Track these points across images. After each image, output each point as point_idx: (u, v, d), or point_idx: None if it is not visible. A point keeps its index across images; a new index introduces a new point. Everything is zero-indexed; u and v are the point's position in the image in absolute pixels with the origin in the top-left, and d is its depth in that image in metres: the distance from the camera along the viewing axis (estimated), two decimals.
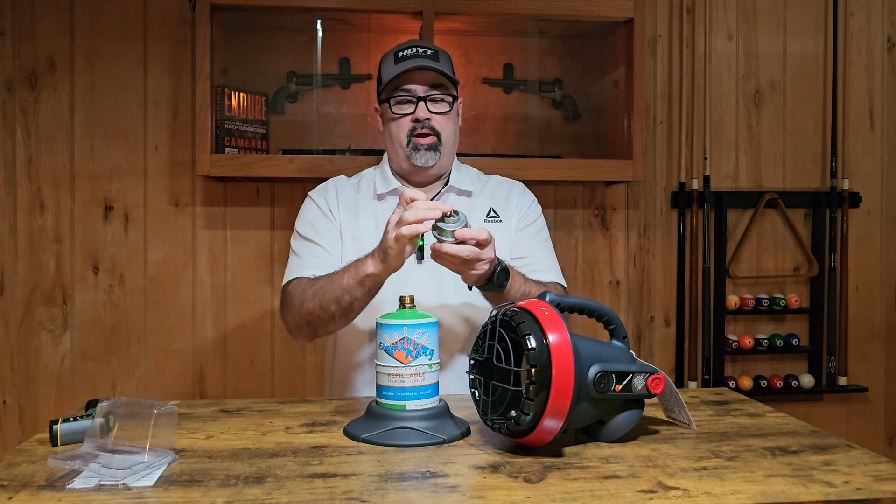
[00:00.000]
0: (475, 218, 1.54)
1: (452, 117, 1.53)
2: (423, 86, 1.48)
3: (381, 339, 1.13)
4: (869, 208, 2.62)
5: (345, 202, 1.54)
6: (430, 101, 1.48)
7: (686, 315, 2.52)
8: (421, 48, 1.49)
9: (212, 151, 2.12)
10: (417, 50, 1.49)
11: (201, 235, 2.37)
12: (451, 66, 1.55)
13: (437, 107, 1.49)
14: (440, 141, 1.49)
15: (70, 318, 2.33)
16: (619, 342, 1.12)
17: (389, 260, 1.23)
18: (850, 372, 2.61)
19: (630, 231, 2.53)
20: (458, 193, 1.57)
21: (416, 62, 1.46)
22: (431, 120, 1.48)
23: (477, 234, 1.20)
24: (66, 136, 2.32)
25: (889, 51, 2.62)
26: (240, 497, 0.87)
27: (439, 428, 1.10)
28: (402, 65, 1.47)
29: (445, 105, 1.50)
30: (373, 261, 1.27)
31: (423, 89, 1.48)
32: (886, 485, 0.91)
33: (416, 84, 1.48)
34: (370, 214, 1.52)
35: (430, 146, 1.48)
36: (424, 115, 1.48)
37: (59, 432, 1.08)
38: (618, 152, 2.33)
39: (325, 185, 1.59)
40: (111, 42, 2.33)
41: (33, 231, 2.31)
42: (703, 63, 2.51)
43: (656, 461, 1.00)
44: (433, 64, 1.47)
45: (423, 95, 1.48)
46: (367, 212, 1.53)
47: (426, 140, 1.48)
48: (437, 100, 1.49)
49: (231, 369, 2.39)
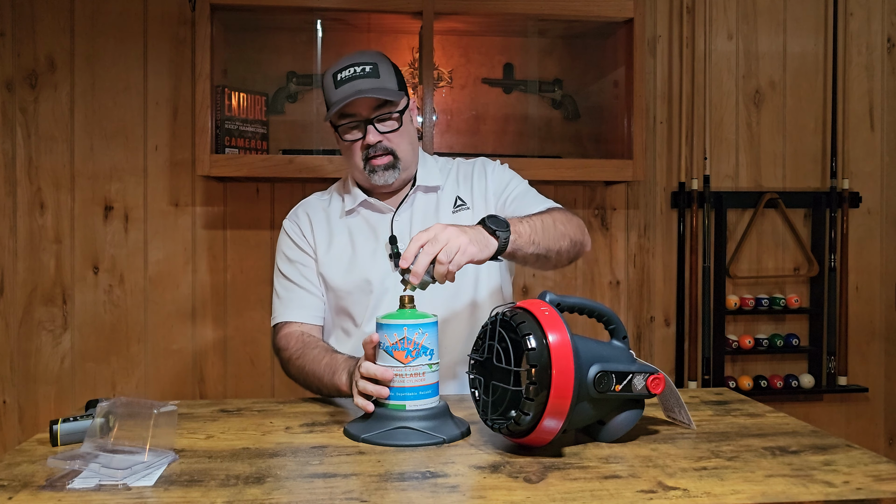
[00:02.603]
0: (443, 213, 1.51)
1: (406, 128, 1.47)
2: (367, 108, 1.42)
3: (381, 338, 1.13)
4: (869, 208, 2.62)
5: (318, 224, 1.54)
6: (377, 121, 1.43)
7: (686, 315, 2.52)
8: (359, 66, 1.42)
9: (212, 151, 2.12)
10: (355, 70, 1.42)
11: (201, 235, 2.37)
12: (393, 75, 1.46)
13: (386, 126, 1.44)
14: (397, 157, 1.45)
15: (70, 318, 2.33)
16: (619, 342, 1.12)
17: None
18: (850, 372, 2.61)
19: (630, 231, 2.53)
20: (426, 191, 1.53)
21: (355, 86, 1.40)
22: (383, 141, 1.44)
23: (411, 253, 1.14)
24: (66, 136, 2.32)
25: (889, 51, 2.62)
26: (240, 497, 0.87)
27: (439, 428, 1.10)
28: (342, 91, 1.41)
29: (394, 123, 1.44)
30: (346, 379, 1.28)
31: (367, 111, 1.43)
32: (886, 485, 0.91)
33: (359, 108, 1.43)
34: (343, 231, 1.52)
35: (387, 166, 1.45)
36: (375, 139, 1.43)
37: (59, 432, 1.08)
38: (618, 152, 2.33)
39: (296, 211, 1.59)
40: (111, 42, 2.33)
41: (33, 231, 2.31)
42: (703, 63, 2.51)
43: (656, 461, 1.00)
44: (373, 84, 1.41)
45: (370, 118, 1.43)
46: (339, 229, 1.53)
47: (382, 161, 1.44)
48: (384, 119, 1.44)
49: (231, 369, 2.39)
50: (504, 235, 1.21)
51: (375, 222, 1.51)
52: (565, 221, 1.37)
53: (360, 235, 1.50)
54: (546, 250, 1.30)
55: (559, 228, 1.34)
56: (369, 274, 1.46)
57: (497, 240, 1.20)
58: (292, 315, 1.50)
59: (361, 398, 1.14)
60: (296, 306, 1.51)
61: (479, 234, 1.19)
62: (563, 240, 1.34)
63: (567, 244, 1.35)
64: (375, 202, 1.51)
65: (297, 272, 1.52)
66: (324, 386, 1.34)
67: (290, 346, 1.45)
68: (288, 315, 1.51)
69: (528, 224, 1.28)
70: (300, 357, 1.41)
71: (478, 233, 1.19)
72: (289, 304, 1.52)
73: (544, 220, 1.33)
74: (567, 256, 1.37)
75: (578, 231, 1.39)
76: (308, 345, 1.43)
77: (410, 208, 1.51)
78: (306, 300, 1.51)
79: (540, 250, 1.29)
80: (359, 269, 1.47)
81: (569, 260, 1.40)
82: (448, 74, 2.45)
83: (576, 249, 1.39)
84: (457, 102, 2.46)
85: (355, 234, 1.51)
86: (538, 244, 1.28)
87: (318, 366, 1.36)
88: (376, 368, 1.12)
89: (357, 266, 1.47)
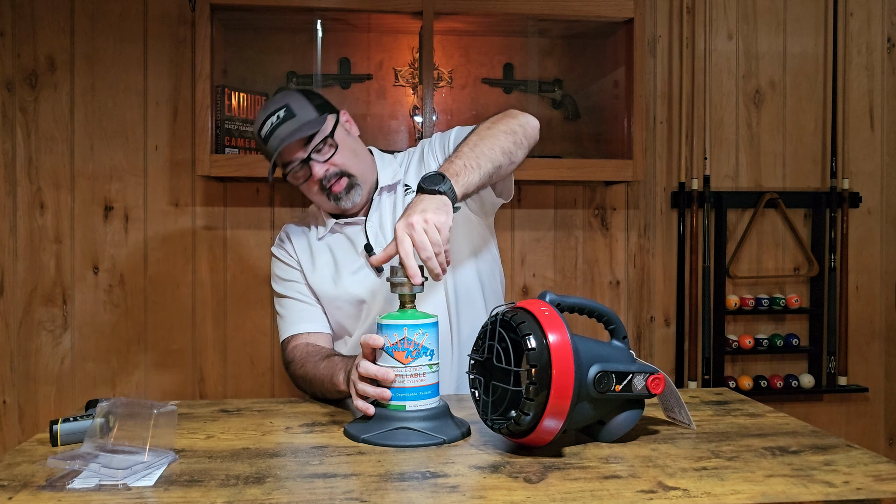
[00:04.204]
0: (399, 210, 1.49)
1: (344, 145, 1.45)
2: (298, 150, 1.41)
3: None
4: (869, 208, 2.62)
5: (300, 246, 1.55)
6: (314, 153, 1.42)
7: (686, 315, 2.52)
8: (272, 115, 1.42)
9: (212, 151, 2.12)
10: (272, 121, 1.41)
11: (201, 235, 2.37)
12: (308, 105, 1.44)
13: (324, 154, 1.42)
14: (351, 175, 1.44)
15: (70, 318, 2.33)
16: (619, 342, 1.12)
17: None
18: (850, 372, 2.61)
19: (630, 231, 2.53)
20: (389, 190, 1.52)
21: (277, 136, 1.40)
22: (329, 168, 1.42)
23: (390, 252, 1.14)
24: (66, 136, 2.32)
25: (889, 51, 2.62)
26: (240, 497, 0.87)
27: (439, 428, 1.10)
28: (270, 146, 1.41)
29: (329, 148, 1.43)
30: (344, 377, 1.27)
31: (301, 151, 1.41)
32: (886, 485, 0.91)
33: (292, 154, 1.42)
34: (324, 250, 1.52)
35: (347, 187, 1.44)
36: (321, 170, 1.42)
37: (59, 432, 1.08)
38: (618, 152, 2.33)
39: (280, 236, 1.60)
40: (111, 42, 2.33)
41: (33, 231, 2.31)
42: (703, 63, 2.51)
43: (656, 461, 1.00)
44: (291, 127, 1.40)
45: (306, 157, 1.42)
46: (320, 249, 1.53)
47: (339, 186, 1.43)
48: (319, 149, 1.42)
49: (231, 369, 2.39)
50: (445, 186, 1.18)
51: (352, 234, 1.50)
52: (491, 125, 1.34)
53: (340, 252, 1.50)
54: (491, 161, 1.27)
55: (487, 134, 1.30)
56: (356, 289, 1.46)
57: (443, 194, 1.17)
58: (296, 328, 1.51)
59: (361, 401, 1.14)
60: (297, 320, 1.52)
61: (430, 201, 1.16)
62: (499, 140, 1.30)
63: (506, 140, 1.31)
64: (345, 221, 1.50)
65: (293, 289, 1.53)
66: (326, 390, 1.34)
67: (295, 359, 1.46)
68: (292, 329, 1.51)
69: (460, 158, 1.24)
70: (303, 367, 1.42)
71: (427, 201, 1.16)
72: (290, 320, 1.52)
73: (470, 139, 1.30)
74: (518, 147, 1.33)
75: (507, 122, 1.35)
76: (310, 354, 1.43)
77: (378, 211, 1.50)
78: (306, 312, 1.52)
79: (486, 167, 1.25)
80: (344, 282, 1.48)
81: (524, 149, 1.36)
82: (448, 74, 2.45)
83: (519, 136, 1.34)
84: (457, 102, 2.46)
85: (336, 251, 1.51)
86: (481, 165, 1.24)
87: (318, 370, 1.36)
88: (376, 369, 1.11)
89: (342, 282, 1.48)
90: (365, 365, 1.12)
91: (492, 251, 1.58)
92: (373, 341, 1.12)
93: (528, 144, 1.37)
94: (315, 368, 1.38)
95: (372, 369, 1.11)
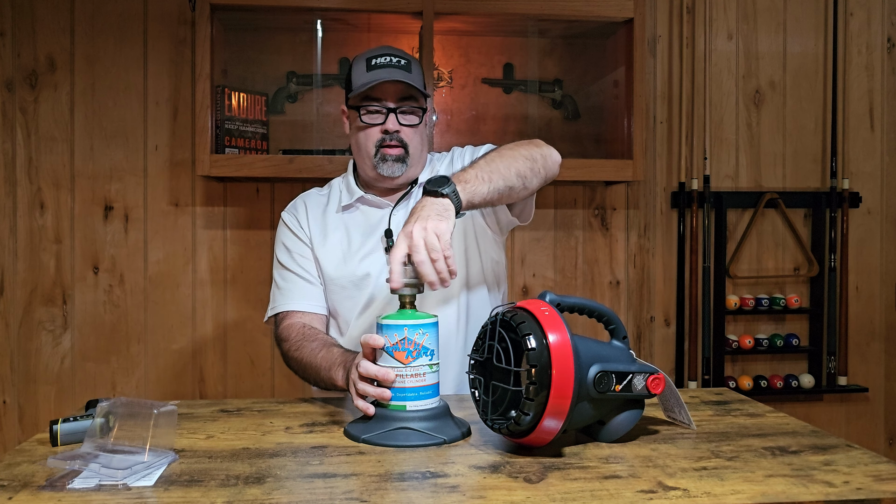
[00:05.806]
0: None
1: (421, 129, 1.50)
2: (394, 97, 1.45)
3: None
4: (869, 208, 2.62)
5: (314, 217, 1.54)
6: (400, 112, 1.45)
7: (686, 315, 2.52)
8: (395, 56, 1.45)
9: (212, 151, 2.12)
10: (391, 59, 1.44)
11: (201, 235, 2.37)
12: (422, 77, 1.51)
13: (407, 119, 1.46)
14: (408, 153, 1.46)
15: (70, 318, 2.33)
16: (619, 342, 1.12)
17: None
18: (850, 372, 2.61)
19: (630, 231, 2.53)
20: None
21: (389, 73, 1.42)
22: (401, 132, 1.45)
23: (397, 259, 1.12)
24: (66, 136, 2.32)
25: (889, 51, 2.62)
26: (240, 497, 0.87)
27: (440, 428, 1.10)
28: (374, 74, 1.43)
29: (415, 118, 1.47)
30: (343, 375, 1.27)
31: (394, 100, 1.45)
32: (886, 485, 0.91)
33: (387, 94, 1.45)
34: (339, 226, 1.52)
35: (397, 158, 1.46)
36: (394, 127, 1.45)
37: (59, 432, 1.08)
38: (618, 152, 2.33)
39: (295, 203, 1.59)
40: (111, 42, 2.33)
41: (33, 231, 2.31)
42: (703, 63, 2.51)
43: (656, 461, 1.00)
44: (405, 77, 1.43)
45: (394, 107, 1.45)
46: (335, 224, 1.53)
47: (394, 151, 1.45)
48: (407, 112, 1.46)
49: (231, 369, 2.39)
50: (448, 189, 1.18)
51: (373, 217, 1.50)
52: (513, 147, 1.35)
53: (356, 230, 1.50)
54: (504, 179, 1.27)
55: (507, 154, 1.32)
56: (364, 268, 1.46)
57: (446, 197, 1.18)
58: (293, 305, 1.50)
59: (361, 401, 1.14)
60: (297, 296, 1.50)
61: (432, 207, 1.16)
62: (516, 162, 1.31)
63: (523, 165, 1.32)
64: (373, 198, 1.51)
65: (297, 262, 1.52)
66: (321, 379, 1.34)
67: (290, 338, 1.44)
68: (288, 305, 1.50)
69: (474, 168, 1.26)
70: (298, 349, 1.40)
71: (429, 207, 1.16)
72: (289, 293, 1.51)
73: (489, 156, 1.31)
74: (534, 175, 1.34)
75: (528, 148, 1.36)
76: (307, 337, 1.42)
77: (408, 203, 1.50)
78: (307, 290, 1.51)
79: (497, 184, 1.26)
80: (353, 263, 1.47)
81: (541, 178, 1.36)
82: (448, 74, 2.45)
83: (538, 164, 1.35)
84: (457, 102, 2.46)
85: (352, 229, 1.51)
86: (492, 180, 1.25)
87: (315, 358, 1.36)
88: (377, 369, 1.11)
89: (352, 260, 1.47)
90: (365, 365, 1.12)
91: (502, 265, 1.60)
92: (373, 341, 1.12)
93: (545, 175, 1.38)
94: (312, 355, 1.36)
95: (372, 369, 1.11)
